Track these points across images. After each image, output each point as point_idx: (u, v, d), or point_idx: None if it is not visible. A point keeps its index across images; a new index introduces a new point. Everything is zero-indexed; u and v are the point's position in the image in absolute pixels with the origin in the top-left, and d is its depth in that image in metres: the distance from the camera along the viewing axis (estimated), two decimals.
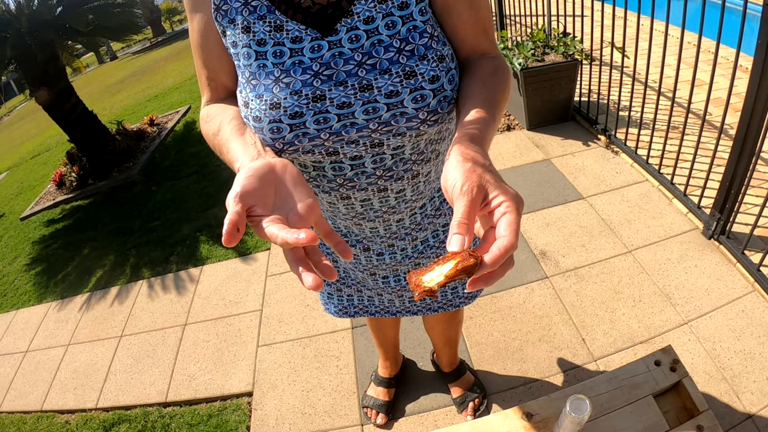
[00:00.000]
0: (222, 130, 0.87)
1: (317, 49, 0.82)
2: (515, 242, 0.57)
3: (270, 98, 0.83)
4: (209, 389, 2.47)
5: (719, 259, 2.43)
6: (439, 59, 0.83)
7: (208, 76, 0.95)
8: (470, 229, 0.59)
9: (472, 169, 0.62)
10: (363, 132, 0.85)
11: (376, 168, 0.94)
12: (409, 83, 0.81)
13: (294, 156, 0.89)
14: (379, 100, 0.82)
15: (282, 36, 0.83)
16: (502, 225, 0.58)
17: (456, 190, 0.61)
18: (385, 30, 0.81)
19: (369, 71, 0.81)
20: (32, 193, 6.36)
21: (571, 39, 3.49)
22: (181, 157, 5.48)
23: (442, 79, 0.82)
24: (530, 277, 2.56)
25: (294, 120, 0.82)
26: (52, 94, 5.13)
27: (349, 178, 0.95)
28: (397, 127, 0.85)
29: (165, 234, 4.00)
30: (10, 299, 3.95)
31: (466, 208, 0.60)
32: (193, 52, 0.96)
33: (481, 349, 2.27)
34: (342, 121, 0.83)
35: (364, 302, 1.46)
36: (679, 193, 2.78)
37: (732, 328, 2.11)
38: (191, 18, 0.91)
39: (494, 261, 0.56)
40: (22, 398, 2.85)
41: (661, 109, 3.45)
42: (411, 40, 0.82)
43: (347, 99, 0.82)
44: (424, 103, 0.82)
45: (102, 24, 5.34)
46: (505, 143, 3.75)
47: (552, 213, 2.94)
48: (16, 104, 24.30)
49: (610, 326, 2.23)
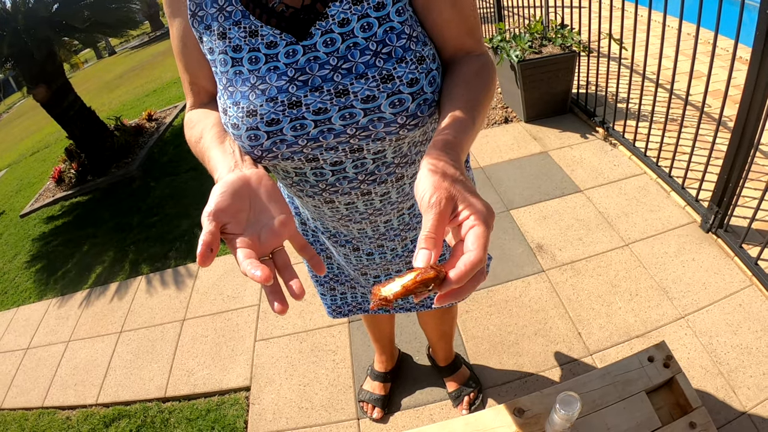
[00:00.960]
0: (203, 137, 0.87)
1: (292, 54, 0.81)
2: (483, 257, 0.56)
3: (246, 105, 0.82)
4: (207, 384, 2.48)
5: (717, 253, 2.42)
6: (418, 61, 0.81)
7: (189, 80, 0.95)
8: (437, 243, 0.58)
9: (440, 180, 0.61)
10: (341, 138, 0.84)
11: (358, 173, 0.93)
12: (386, 87, 0.79)
13: (274, 162, 0.89)
14: (356, 105, 0.80)
15: (257, 41, 0.82)
16: (470, 239, 0.57)
17: (424, 203, 0.60)
18: (360, 32, 0.79)
19: (345, 76, 0.80)
20: (32, 190, 6.36)
21: (569, 31, 3.47)
22: (180, 152, 5.48)
23: (421, 82, 0.81)
24: (526, 270, 2.56)
25: (271, 127, 0.82)
26: (50, 91, 5.12)
27: (331, 183, 0.95)
28: (376, 132, 0.83)
29: (164, 230, 4.00)
30: (11, 297, 3.96)
31: (434, 221, 0.58)
32: (175, 57, 0.95)
33: (477, 343, 2.27)
34: (319, 127, 0.82)
35: (357, 299, 1.46)
36: (677, 186, 2.77)
37: (729, 323, 2.11)
38: (171, 23, 0.91)
39: (459, 277, 0.55)
40: (24, 395, 2.86)
41: (660, 101, 3.43)
42: (388, 42, 0.80)
43: (323, 105, 0.81)
44: (402, 108, 0.80)
45: (99, 20, 5.31)
46: (503, 135, 3.74)
47: (549, 206, 2.94)
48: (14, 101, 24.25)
49: (607, 320, 2.23)
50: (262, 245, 0.67)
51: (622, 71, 3.31)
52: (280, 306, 0.61)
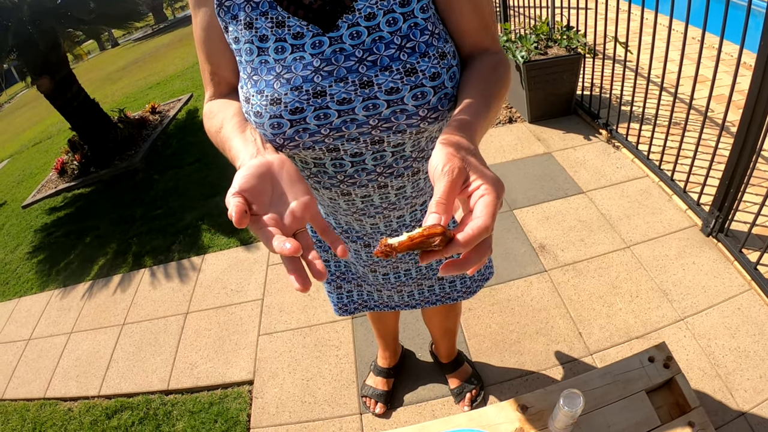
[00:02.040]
0: (224, 127, 0.88)
1: (318, 45, 0.82)
2: (490, 224, 0.57)
3: (271, 94, 0.83)
4: (210, 377, 2.50)
5: (717, 257, 2.44)
6: (440, 56, 0.83)
7: (210, 71, 0.96)
8: (448, 209, 0.59)
9: (454, 152, 0.63)
10: (363, 128, 0.86)
11: (377, 165, 0.95)
12: (409, 80, 0.81)
13: (294, 152, 0.90)
14: (380, 97, 0.82)
15: (284, 32, 0.83)
16: (479, 207, 0.59)
17: (437, 172, 0.62)
18: (386, 27, 0.81)
19: (369, 68, 0.81)
20: (34, 181, 6.36)
21: (575, 33, 3.48)
22: (183, 145, 5.49)
23: (443, 76, 0.83)
24: (529, 270, 2.58)
25: (294, 116, 0.83)
26: (54, 83, 5.12)
27: (350, 175, 0.96)
28: (397, 124, 0.85)
29: (167, 222, 4.02)
30: (13, 287, 3.98)
31: (446, 188, 0.60)
32: (196, 47, 0.96)
33: (479, 341, 2.29)
34: (342, 117, 0.84)
35: (363, 297, 1.48)
36: (678, 190, 2.79)
37: (727, 326, 2.13)
38: (195, 13, 0.92)
39: (467, 240, 0.56)
40: (25, 386, 2.88)
41: (663, 105, 3.45)
42: (412, 37, 0.82)
43: (347, 95, 0.82)
44: (424, 101, 0.82)
45: (104, 12, 5.32)
46: (507, 136, 3.76)
47: (552, 207, 2.96)
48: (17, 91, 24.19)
49: (607, 321, 2.25)
50: (285, 227, 0.68)
51: (627, 74, 3.32)
52: (303, 283, 0.61)
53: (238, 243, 3.44)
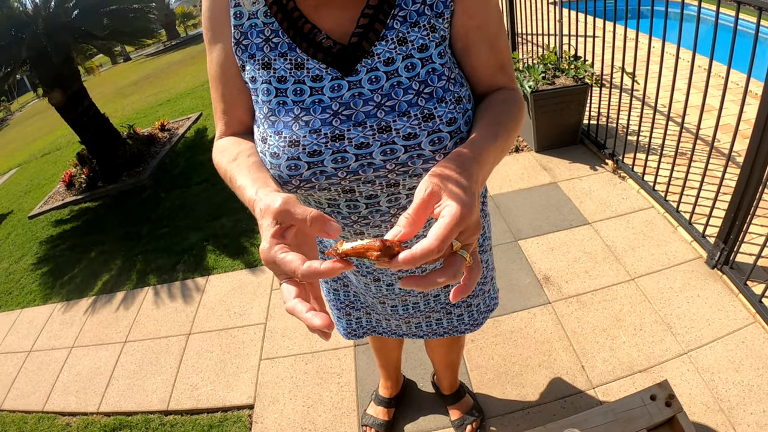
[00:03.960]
0: (238, 159, 0.87)
1: (337, 89, 0.84)
2: (435, 246, 0.57)
3: (289, 135, 0.84)
4: (211, 400, 2.49)
5: (721, 290, 2.43)
6: (456, 101, 0.84)
7: (224, 109, 0.96)
8: (411, 224, 0.60)
9: (433, 177, 0.64)
10: (380, 172, 0.87)
11: (391, 206, 0.96)
12: (427, 126, 0.82)
13: (309, 193, 0.91)
14: (397, 142, 0.83)
15: (303, 74, 0.84)
16: (432, 228, 0.59)
17: (416, 193, 0.63)
18: (404, 72, 0.83)
19: (388, 113, 0.82)
20: (41, 192, 6.40)
21: (582, 63, 3.51)
22: (192, 164, 5.52)
23: (459, 121, 0.84)
24: (533, 302, 2.57)
25: (312, 158, 0.84)
26: (66, 96, 5.18)
27: (364, 216, 0.97)
28: (414, 168, 0.86)
29: (172, 241, 4.03)
30: (16, 298, 3.99)
31: (416, 205, 0.61)
32: (210, 82, 0.96)
33: (481, 373, 2.28)
34: (360, 161, 0.84)
35: (372, 323, 1.48)
36: (684, 221, 2.78)
37: (731, 360, 2.11)
38: (210, 49, 0.93)
39: (405, 259, 0.56)
40: (24, 398, 2.88)
41: (670, 135, 3.45)
42: (430, 82, 0.83)
43: (366, 140, 0.83)
44: (441, 146, 0.83)
45: (117, 29, 5.39)
46: (513, 165, 3.77)
47: (557, 237, 2.96)
48: (28, 100, 24.45)
49: (610, 354, 2.24)
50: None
51: (634, 103, 3.33)
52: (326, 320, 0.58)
53: (243, 266, 3.44)
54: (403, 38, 0.83)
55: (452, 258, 0.61)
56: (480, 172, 0.70)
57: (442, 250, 0.58)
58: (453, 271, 0.61)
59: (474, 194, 0.64)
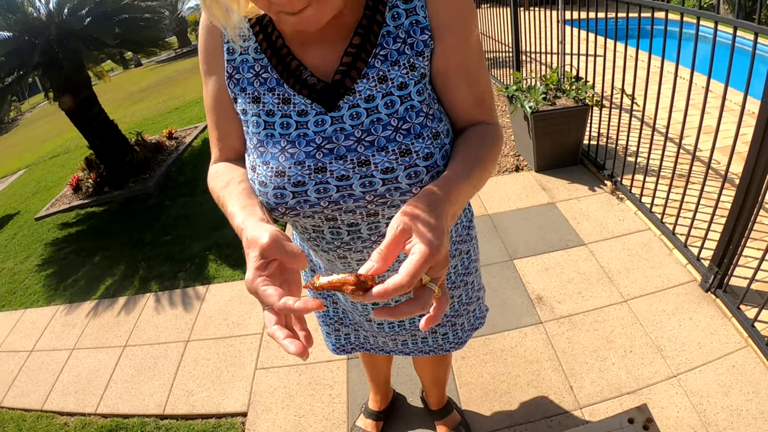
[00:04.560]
0: (229, 186, 0.93)
1: (321, 123, 0.88)
2: (406, 282, 0.61)
3: (276, 166, 0.89)
4: (206, 406, 2.53)
5: (714, 313, 2.44)
6: (434, 136, 0.88)
7: (218, 137, 1.02)
8: (383, 259, 0.65)
9: (404, 215, 0.69)
10: (360, 202, 0.91)
11: (371, 234, 1.00)
12: (404, 160, 0.86)
13: (295, 219, 0.96)
14: (376, 175, 0.87)
15: (289, 108, 0.90)
16: (403, 265, 0.63)
17: (389, 229, 0.68)
18: (384, 109, 0.87)
19: (367, 147, 0.87)
20: (48, 194, 6.47)
21: (583, 84, 3.56)
22: (197, 174, 5.56)
23: (435, 156, 0.88)
24: (525, 321, 2.60)
25: (297, 188, 0.89)
26: (76, 102, 5.25)
27: (346, 242, 1.02)
28: (392, 199, 0.90)
29: (175, 250, 4.07)
30: (19, 298, 4.04)
31: (387, 242, 0.66)
32: (206, 112, 1.02)
33: (470, 390, 2.31)
34: (341, 192, 0.89)
35: (360, 340, 1.52)
36: (679, 244, 2.80)
37: (721, 383, 2.12)
38: (205, 81, 0.98)
39: (378, 293, 0.62)
40: (24, 396, 2.93)
41: (668, 156, 3.45)
42: (408, 119, 0.87)
43: (346, 172, 0.88)
44: (417, 179, 0.87)
45: (128, 37, 5.46)
46: (513, 184, 3.81)
47: (552, 258, 2.98)
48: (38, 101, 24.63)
49: (599, 375, 2.26)
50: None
51: (633, 123, 3.35)
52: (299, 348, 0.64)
53: (243, 276, 3.42)
54: (383, 76, 0.87)
55: (421, 290, 0.67)
56: (450, 209, 0.74)
57: (412, 285, 0.63)
58: (422, 302, 0.67)
59: (442, 232, 0.68)
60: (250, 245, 0.72)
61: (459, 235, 1.26)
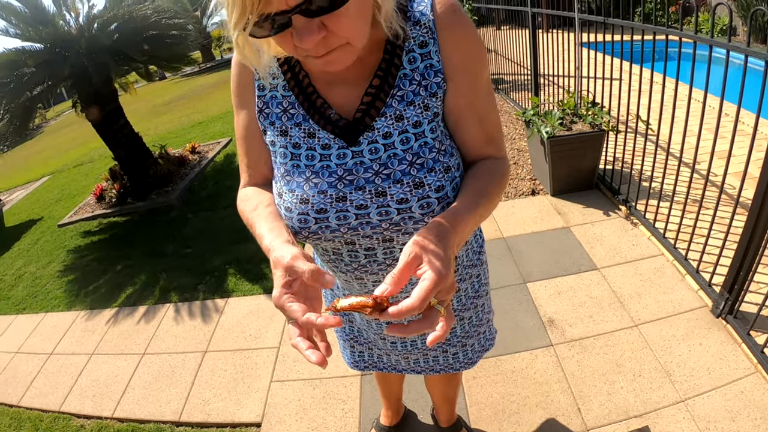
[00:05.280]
0: (257, 209, 1.02)
1: (342, 157, 0.97)
2: (417, 305, 0.70)
3: (301, 194, 0.98)
4: (221, 415, 2.58)
5: (725, 339, 2.44)
6: (445, 170, 0.96)
7: (248, 164, 1.11)
8: (396, 283, 0.74)
9: (415, 245, 0.76)
10: (376, 230, 0.99)
11: (386, 258, 1.08)
12: (417, 192, 0.94)
13: (317, 242, 1.05)
14: (391, 206, 0.95)
15: (314, 142, 0.98)
16: (415, 290, 0.72)
17: (401, 256, 0.76)
18: (400, 145, 0.95)
19: (384, 180, 0.95)
20: (72, 202, 6.60)
21: (599, 109, 3.59)
22: (219, 188, 5.67)
23: (446, 188, 0.96)
24: (536, 343, 2.62)
25: (319, 215, 0.97)
26: (102, 113, 5.38)
27: (363, 265, 1.09)
28: (406, 227, 0.98)
29: (196, 262, 4.15)
30: (41, 301, 4.15)
31: (400, 267, 0.75)
32: (236, 140, 1.12)
33: (480, 409, 2.34)
34: (359, 219, 0.97)
35: (373, 359, 1.57)
36: (692, 270, 2.79)
37: (728, 409, 2.12)
38: (237, 112, 1.08)
39: (393, 313, 0.71)
40: (42, 397, 3.01)
41: (682, 181, 3.47)
42: (422, 154, 0.95)
43: (364, 202, 0.96)
44: (429, 210, 0.95)
45: (156, 54, 5.61)
46: (529, 208, 3.85)
47: (565, 282, 3.01)
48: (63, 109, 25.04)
49: (607, 398, 2.28)
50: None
51: (648, 147, 3.36)
52: (320, 358, 0.74)
53: (262, 291, 3.55)
54: (400, 115, 0.95)
55: (429, 311, 0.76)
56: (456, 239, 0.82)
57: (422, 308, 0.72)
58: (430, 321, 0.76)
59: (449, 261, 0.77)
60: (276, 265, 0.81)
61: (470, 260, 1.32)
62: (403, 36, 0.94)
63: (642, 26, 2.78)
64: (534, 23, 4.87)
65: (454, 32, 0.95)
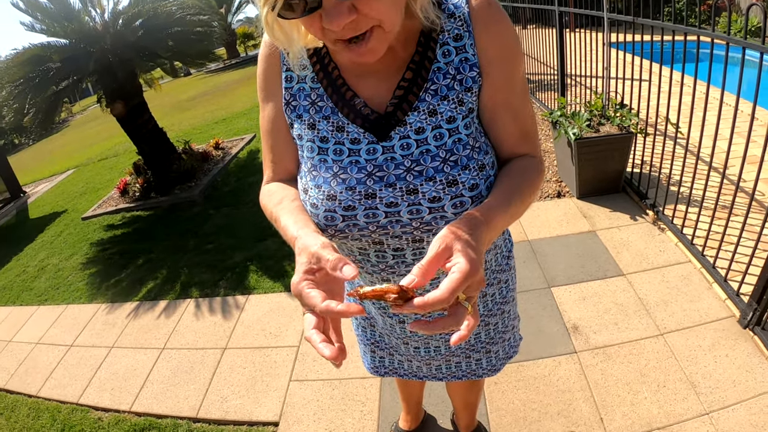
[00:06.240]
0: (282, 203, 0.99)
1: (372, 152, 0.93)
2: (445, 297, 0.66)
3: (328, 190, 0.94)
4: (238, 413, 2.58)
5: (752, 350, 2.39)
6: (479, 168, 0.92)
7: (272, 159, 1.08)
8: (424, 274, 0.70)
9: (447, 235, 0.73)
10: (406, 229, 0.95)
11: (416, 259, 1.03)
12: (450, 190, 0.90)
13: (343, 241, 1.01)
14: (423, 204, 0.91)
15: (343, 136, 0.95)
16: (444, 281, 0.68)
17: (431, 246, 0.72)
18: (433, 141, 0.92)
19: (416, 177, 0.91)
20: (95, 196, 6.69)
21: (627, 111, 3.53)
22: (242, 185, 5.69)
23: (480, 187, 0.92)
24: (559, 350, 2.58)
25: (347, 212, 0.94)
26: (127, 108, 5.44)
27: (391, 266, 1.06)
28: (437, 227, 0.94)
29: (217, 258, 4.16)
30: (63, 293, 4.21)
31: (429, 258, 0.71)
32: (261, 135, 1.08)
33: (501, 415, 2.31)
34: (389, 217, 0.94)
35: (394, 365, 1.55)
36: (719, 278, 2.73)
37: (753, 423, 2.07)
38: (263, 106, 1.05)
39: (419, 304, 0.66)
40: (61, 388, 3.05)
41: (712, 186, 3.39)
42: (455, 151, 0.91)
43: (395, 200, 0.92)
44: (462, 209, 0.91)
45: (181, 50, 5.65)
46: (554, 210, 3.80)
47: (590, 287, 2.96)
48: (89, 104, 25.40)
49: (630, 409, 2.24)
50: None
51: (677, 151, 3.29)
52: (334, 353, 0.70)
53: (283, 288, 3.54)
54: (433, 110, 0.92)
55: (456, 307, 0.72)
56: (487, 235, 0.79)
57: (450, 301, 0.68)
58: (456, 318, 0.71)
59: (481, 254, 0.74)
60: (301, 252, 0.78)
61: (498, 264, 1.29)
62: (439, 27, 0.91)
63: (673, 26, 2.71)
64: (561, 22, 4.81)
65: (490, 25, 0.92)
